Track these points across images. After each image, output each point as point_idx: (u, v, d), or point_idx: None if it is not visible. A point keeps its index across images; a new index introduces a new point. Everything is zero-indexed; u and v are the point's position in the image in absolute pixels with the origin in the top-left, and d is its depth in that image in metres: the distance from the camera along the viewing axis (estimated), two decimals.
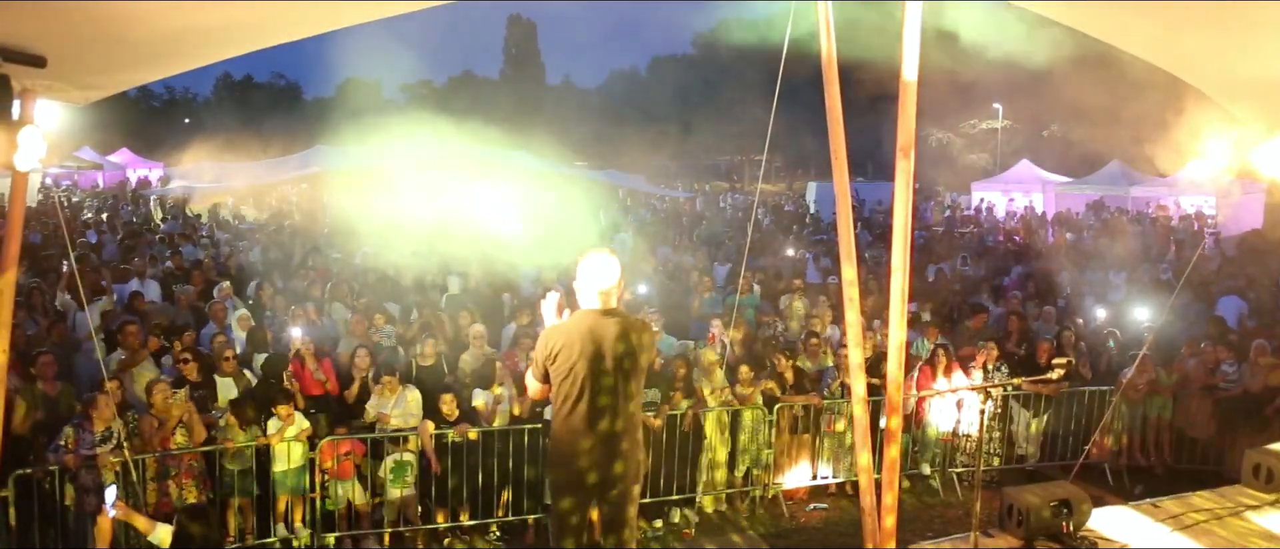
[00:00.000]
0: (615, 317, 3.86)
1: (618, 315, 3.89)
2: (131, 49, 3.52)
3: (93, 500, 6.19)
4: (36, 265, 11.64)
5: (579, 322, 3.85)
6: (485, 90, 61.09)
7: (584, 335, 3.78)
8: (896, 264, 4.18)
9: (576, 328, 3.82)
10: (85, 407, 6.29)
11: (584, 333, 3.79)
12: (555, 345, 3.81)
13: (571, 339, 3.79)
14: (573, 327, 3.84)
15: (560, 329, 3.87)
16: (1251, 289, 11.87)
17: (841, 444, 8.23)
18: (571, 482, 3.86)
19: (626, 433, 3.86)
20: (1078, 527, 4.97)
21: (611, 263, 3.88)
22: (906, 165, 4.12)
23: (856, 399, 4.71)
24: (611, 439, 3.81)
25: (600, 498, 3.92)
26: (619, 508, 3.94)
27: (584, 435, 3.78)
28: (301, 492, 6.93)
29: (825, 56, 4.30)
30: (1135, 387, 8.49)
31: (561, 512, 3.93)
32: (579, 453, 3.80)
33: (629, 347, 3.83)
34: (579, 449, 3.79)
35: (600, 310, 3.87)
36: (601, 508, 3.97)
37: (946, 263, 14.83)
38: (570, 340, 3.79)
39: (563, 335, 3.82)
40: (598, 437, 3.79)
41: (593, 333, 3.79)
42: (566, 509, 3.90)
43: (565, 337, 3.80)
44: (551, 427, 4.00)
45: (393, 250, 13.42)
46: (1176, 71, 5.04)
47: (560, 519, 3.94)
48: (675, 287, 12.17)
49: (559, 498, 3.96)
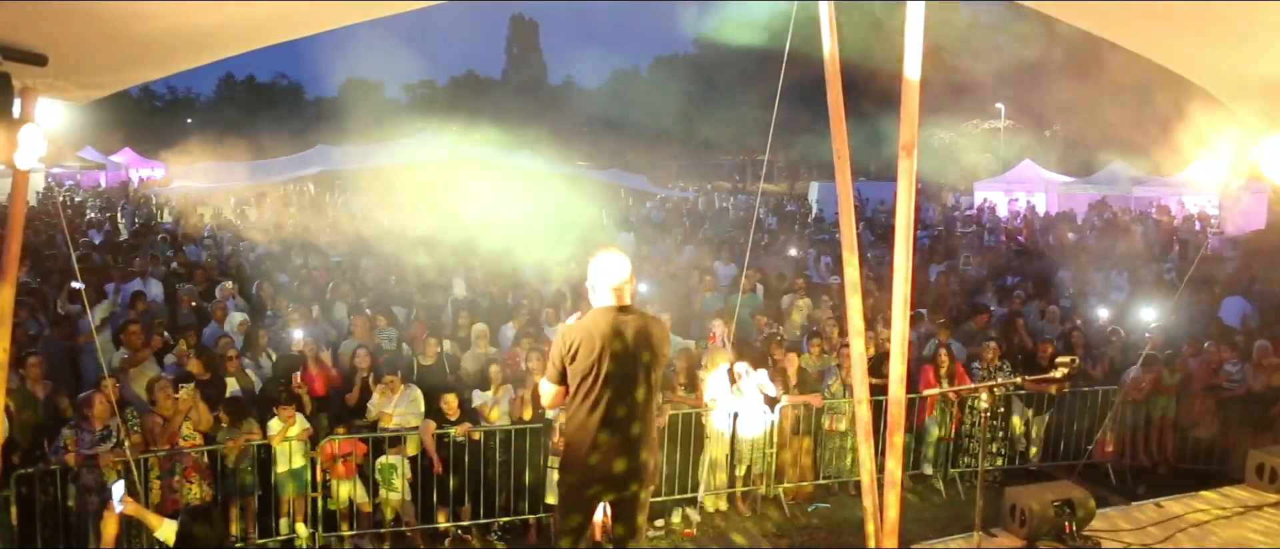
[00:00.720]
0: (633, 313, 3.79)
1: (634, 311, 3.81)
2: (133, 47, 3.52)
3: (94, 500, 6.18)
4: (39, 266, 11.65)
5: (597, 318, 3.75)
6: (487, 90, 61.15)
7: (605, 332, 3.68)
8: (899, 263, 4.17)
9: (595, 325, 3.71)
10: (79, 406, 6.29)
11: (605, 330, 3.69)
12: (575, 343, 3.69)
13: (592, 336, 3.68)
14: (591, 324, 3.74)
15: (579, 327, 3.76)
16: (1255, 289, 11.84)
17: (843, 444, 8.22)
18: (585, 483, 3.74)
19: (645, 433, 3.77)
20: (1081, 527, 4.96)
21: (622, 259, 3.82)
22: (909, 164, 4.11)
23: (859, 398, 4.71)
24: (631, 439, 3.71)
25: (614, 498, 3.80)
26: (630, 508, 3.82)
27: (603, 435, 3.67)
28: (303, 491, 6.93)
29: (828, 55, 4.29)
30: (1138, 386, 8.47)
31: (568, 514, 3.83)
32: (597, 453, 3.69)
33: (649, 342, 3.75)
34: (598, 449, 3.68)
35: (616, 306, 3.78)
36: (613, 508, 3.85)
37: (949, 262, 14.81)
38: (591, 338, 3.68)
39: (582, 333, 3.72)
40: (617, 436, 3.69)
41: (615, 329, 3.70)
42: (575, 516, 3.80)
43: (585, 334, 3.70)
44: (567, 427, 3.86)
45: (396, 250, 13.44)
46: (1180, 70, 5.02)
47: (566, 522, 3.84)
48: (676, 286, 12.16)
49: (568, 499, 3.84)
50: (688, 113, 45.60)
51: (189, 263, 12.61)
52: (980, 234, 21.81)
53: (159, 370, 7.41)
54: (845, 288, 4.64)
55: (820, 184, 34.02)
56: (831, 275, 13.64)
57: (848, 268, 4.51)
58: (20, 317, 8.24)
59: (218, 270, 11.92)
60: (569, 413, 3.82)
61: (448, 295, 10.81)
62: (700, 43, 58.92)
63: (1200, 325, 10.15)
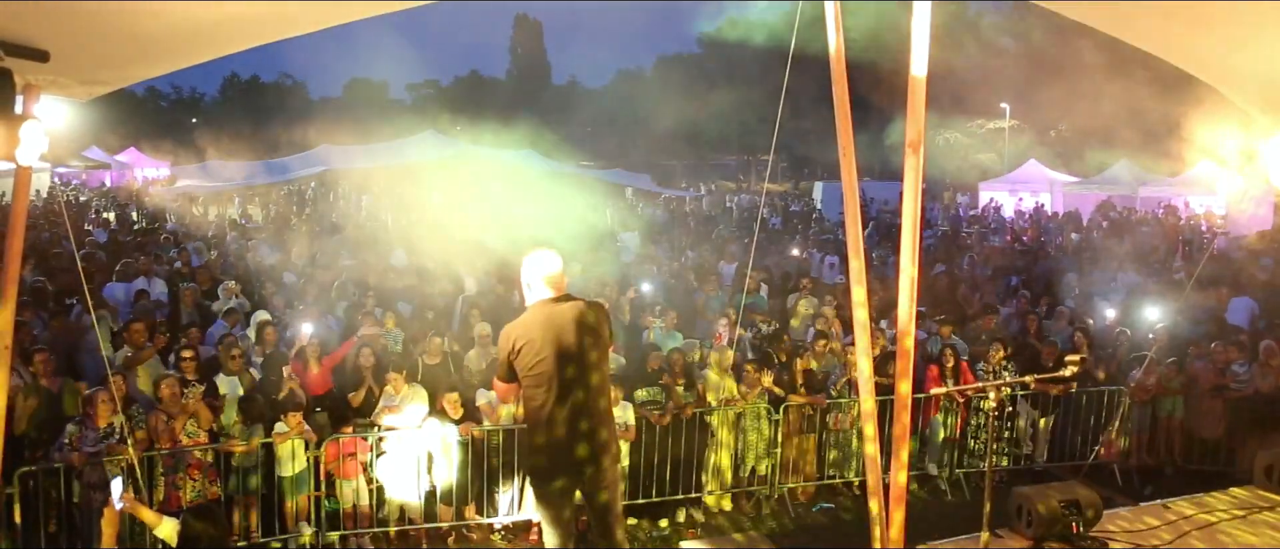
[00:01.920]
0: (569, 301, 3.97)
1: (571, 299, 3.99)
2: (134, 44, 3.51)
3: (99, 497, 6.18)
4: (44, 264, 11.65)
5: (535, 312, 3.95)
6: (491, 90, 61.14)
7: (543, 324, 3.87)
8: (905, 259, 4.12)
9: (534, 319, 3.92)
10: (85, 404, 6.28)
11: (543, 321, 3.88)
12: (517, 340, 3.90)
13: (531, 330, 3.88)
14: (530, 318, 3.93)
15: (519, 323, 3.96)
16: (1262, 290, 11.76)
17: (847, 444, 8.19)
18: (552, 467, 3.91)
19: (597, 413, 3.93)
20: (1088, 527, 4.92)
21: (552, 254, 4.01)
22: (915, 161, 4.07)
23: (864, 396, 4.67)
24: (585, 420, 3.88)
25: (581, 480, 3.97)
26: (598, 482, 3.98)
27: (559, 421, 3.85)
28: (306, 491, 6.92)
29: (833, 51, 4.26)
30: (1144, 387, 8.43)
31: (547, 499, 3.98)
32: (556, 438, 3.86)
33: (589, 326, 3.92)
34: (556, 435, 3.86)
35: (553, 298, 3.97)
36: (585, 491, 4.02)
37: (954, 263, 14.76)
38: (531, 332, 3.88)
39: (522, 328, 3.91)
40: (573, 420, 3.86)
41: (551, 320, 3.88)
42: (551, 495, 3.95)
43: (525, 329, 3.91)
44: (526, 417, 4.07)
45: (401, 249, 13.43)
46: (1188, 67, 4.98)
47: (547, 506, 4.00)
48: (679, 286, 12.13)
49: (541, 486, 4.01)
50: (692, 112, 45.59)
51: (192, 262, 12.60)
52: (985, 234, 21.76)
53: (164, 369, 7.41)
54: (850, 284, 4.59)
55: (824, 184, 33.96)
56: (835, 275, 13.62)
57: (853, 263, 4.47)
58: (25, 316, 8.26)
59: (221, 269, 11.91)
60: (526, 403, 4.01)
61: (459, 293, 10.81)
62: (704, 42, 58.99)
63: (1206, 326, 10.10)
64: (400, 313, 9.50)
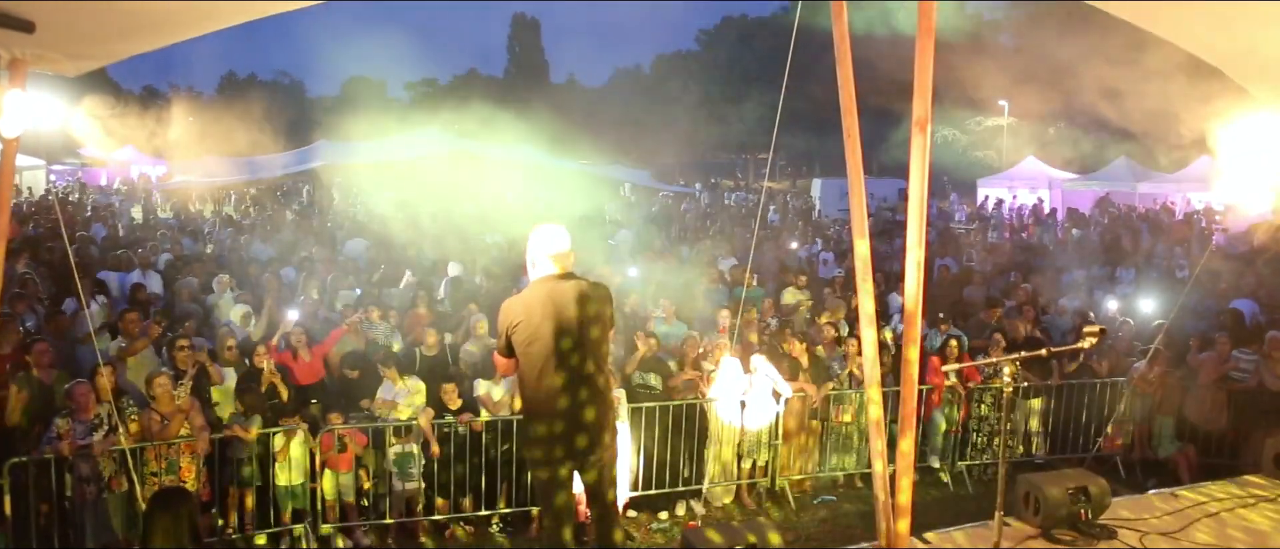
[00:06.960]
0: (573, 279, 3.89)
1: (574, 278, 3.90)
2: (122, 16, 3.42)
3: (91, 489, 6.09)
4: (38, 257, 11.55)
5: (537, 288, 3.87)
6: (490, 89, 60.95)
7: (543, 300, 3.79)
8: (912, 243, 4.04)
9: (535, 295, 3.84)
10: (67, 396, 6.18)
11: (543, 298, 3.80)
12: (515, 316, 3.82)
13: (531, 306, 3.80)
14: (531, 294, 3.86)
15: (519, 299, 3.89)
16: (1262, 292, 11.67)
17: (850, 435, 8.12)
18: (548, 448, 3.83)
19: (595, 392, 3.85)
20: (1096, 515, 4.85)
21: (560, 229, 3.92)
22: (923, 141, 3.99)
23: (869, 384, 4.59)
24: (582, 398, 3.80)
25: (579, 462, 3.89)
26: (599, 468, 3.92)
27: (556, 399, 3.77)
28: (302, 483, 6.82)
29: (838, 43, 4.18)
30: (1145, 379, 8.36)
31: (542, 480, 3.91)
32: (553, 417, 3.78)
33: (591, 306, 3.84)
34: (553, 413, 3.78)
35: (557, 275, 3.88)
36: (583, 473, 3.95)
37: (953, 258, 14.70)
38: (530, 308, 3.80)
39: (521, 304, 3.85)
40: (569, 399, 3.78)
41: (552, 297, 3.80)
42: (546, 477, 3.88)
43: (524, 305, 3.84)
44: (522, 396, 3.99)
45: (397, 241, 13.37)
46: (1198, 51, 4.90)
47: (543, 487, 3.92)
48: (679, 280, 12.06)
49: (537, 468, 3.94)
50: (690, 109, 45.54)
51: (187, 256, 12.54)
52: (984, 230, 21.69)
53: (158, 362, 7.31)
54: (856, 272, 4.51)
55: (823, 180, 33.90)
56: (830, 270, 13.63)
57: (858, 249, 4.39)
58: (18, 309, 8.17)
59: (216, 263, 11.84)
60: (522, 380, 3.93)
61: (443, 277, 10.81)
62: (702, 40, 58.96)
63: (1207, 320, 10.04)
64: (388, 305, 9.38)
